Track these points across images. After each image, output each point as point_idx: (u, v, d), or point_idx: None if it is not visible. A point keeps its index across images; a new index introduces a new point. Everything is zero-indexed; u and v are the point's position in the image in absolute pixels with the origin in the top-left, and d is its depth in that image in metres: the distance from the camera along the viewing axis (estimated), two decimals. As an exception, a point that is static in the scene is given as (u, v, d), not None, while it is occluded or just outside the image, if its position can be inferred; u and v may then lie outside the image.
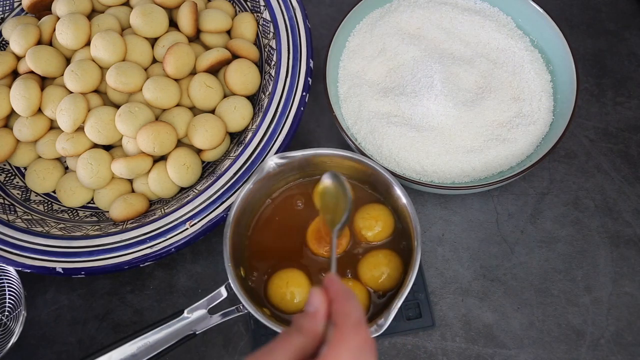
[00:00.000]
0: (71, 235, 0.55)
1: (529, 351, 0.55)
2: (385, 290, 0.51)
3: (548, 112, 0.61)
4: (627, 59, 0.70)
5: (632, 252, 0.59)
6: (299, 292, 0.51)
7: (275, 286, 0.51)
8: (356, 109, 0.61)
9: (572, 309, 0.57)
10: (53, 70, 0.60)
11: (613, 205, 0.62)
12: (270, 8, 0.63)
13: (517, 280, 0.59)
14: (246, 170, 0.55)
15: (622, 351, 0.55)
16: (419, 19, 0.66)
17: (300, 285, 0.51)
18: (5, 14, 0.67)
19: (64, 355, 0.58)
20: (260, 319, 0.47)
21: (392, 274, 0.51)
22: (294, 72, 0.58)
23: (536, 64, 0.63)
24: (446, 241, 0.61)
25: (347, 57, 0.65)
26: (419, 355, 0.56)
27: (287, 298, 0.51)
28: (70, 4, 0.62)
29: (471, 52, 0.64)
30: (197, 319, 0.48)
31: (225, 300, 0.49)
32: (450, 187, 0.56)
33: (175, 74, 0.60)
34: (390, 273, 0.51)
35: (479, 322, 0.57)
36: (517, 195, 0.63)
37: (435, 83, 0.60)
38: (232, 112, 0.60)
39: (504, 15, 0.66)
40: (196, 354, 0.57)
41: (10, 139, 0.60)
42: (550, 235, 0.61)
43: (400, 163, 0.58)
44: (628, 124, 0.66)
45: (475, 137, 0.59)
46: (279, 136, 0.56)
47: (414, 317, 0.56)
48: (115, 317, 0.59)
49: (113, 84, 0.58)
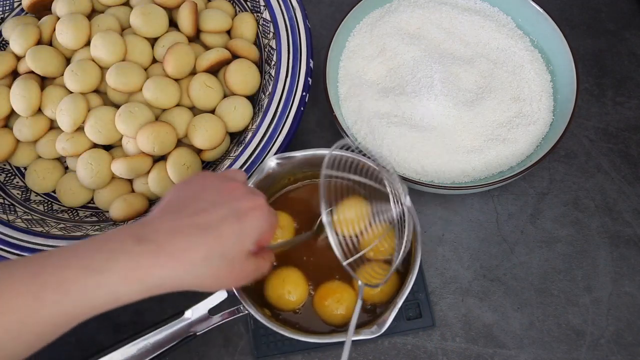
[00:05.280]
0: (71, 235, 0.55)
1: (529, 351, 0.55)
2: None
3: (548, 112, 0.61)
4: (627, 59, 0.70)
5: (632, 252, 0.59)
6: (296, 290, 0.51)
7: (273, 285, 0.52)
8: (356, 109, 0.61)
9: (572, 309, 0.57)
10: (53, 70, 0.60)
11: (613, 205, 0.62)
12: (270, 8, 0.63)
13: (517, 280, 0.59)
14: (246, 170, 0.55)
15: (622, 351, 0.55)
16: (419, 19, 0.66)
17: (297, 284, 0.52)
18: (5, 14, 0.67)
19: (63, 355, 0.58)
20: (260, 319, 0.47)
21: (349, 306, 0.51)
22: (294, 72, 0.58)
23: (536, 64, 0.63)
24: (446, 241, 0.61)
25: (347, 57, 0.65)
26: (419, 355, 0.56)
27: (285, 297, 0.51)
28: (70, 4, 0.62)
29: (471, 52, 0.64)
30: (198, 319, 0.48)
31: (226, 301, 0.49)
32: (450, 187, 0.56)
33: (175, 74, 0.60)
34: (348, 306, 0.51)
35: (479, 322, 0.57)
36: (517, 195, 0.63)
37: (435, 83, 0.60)
38: (232, 112, 0.60)
39: (504, 15, 0.66)
40: (196, 353, 0.57)
41: (10, 139, 0.60)
42: (550, 235, 0.61)
43: (400, 163, 0.58)
44: (628, 124, 0.66)
45: (475, 137, 0.59)
46: (279, 136, 0.56)
47: (414, 317, 0.56)
48: (115, 317, 0.59)
49: (113, 84, 0.58)
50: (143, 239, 0.35)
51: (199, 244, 0.36)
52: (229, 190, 0.40)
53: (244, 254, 0.39)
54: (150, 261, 0.35)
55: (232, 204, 0.39)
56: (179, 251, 0.36)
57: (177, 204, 0.39)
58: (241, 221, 0.38)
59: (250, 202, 0.40)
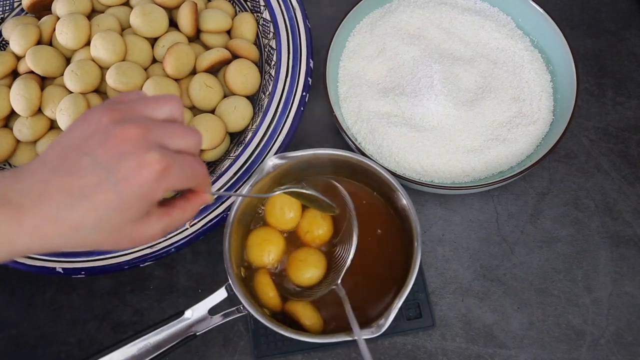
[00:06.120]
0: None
1: (529, 351, 0.55)
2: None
3: (548, 112, 0.61)
4: (627, 59, 0.70)
5: (632, 252, 0.59)
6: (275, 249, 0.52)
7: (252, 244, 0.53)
8: (356, 109, 0.61)
9: (572, 309, 0.57)
10: (53, 70, 0.60)
11: (613, 205, 0.62)
12: (270, 8, 0.63)
13: (517, 280, 0.59)
14: (246, 170, 0.55)
15: (622, 351, 0.55)
16: (419, 19, 0.66)
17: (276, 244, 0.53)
18: (5, 14, 0.67)
19: (63, 355, 0.58)
20: (260, 319, 0.47)
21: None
22: (294, 72, 0.58)
23: (536, 64, 0.63)
24: (446, 241, 0.61)
25: (347, 57, 0.65)
26: (419, 355, 0.56)
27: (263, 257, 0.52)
28: (70, 4, 0.62)
29: (471, 52, 0.64)
30: (198, 319, 0.48)
31: (226, 301, 0.49)
32: (450, 187, 0.56)
33: (175, 74, 0.60)
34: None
35: (479, 322, 0.57)
36: (517, 195, 0.63)
37: (435, 83, 0.60)
38: (232, 112, 0.60)
39: (504, 15, 0.66)
40: (196, 353, 0.57)
41: (10, 139, 0.60)
42: (550, 235, 0.61)
43: (400, 163, 0.58)
44: (628, 124, 0.66)
45: (475, 137, 0.59)
46: (279, 136, 0.56)
47: (414, 317, 0.56)
48: (115, 317, 0.59)
49: (113, 84, 0.58)
50: (8, 201, 0.31)
51: (68, 214, 0.32)
52: (116, 142, 0.32)
53: (130, 221, 0.33)
54: (13, 228, 0.31)
55: (111, 164, 0.32)
56: (46, 220, 0.31)
57: (59, 154, 0.33)
58: (119, 188, 0.32)
59: (136, 159, 0.32)
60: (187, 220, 0.38)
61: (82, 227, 0.32)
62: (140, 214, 0.34)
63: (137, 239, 0.35)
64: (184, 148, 0.35)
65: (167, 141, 0.34)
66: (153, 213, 0.35)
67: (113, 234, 0.33)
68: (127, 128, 0.33)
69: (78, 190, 0.32)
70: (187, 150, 0.35)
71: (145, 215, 0.34)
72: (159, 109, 0.35)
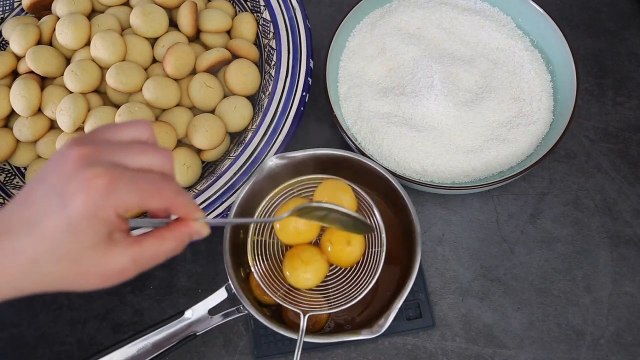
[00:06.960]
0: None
1: (529, 351, 0.55)
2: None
3: (548, 112, 0.61)
4: (627, 59, 0.70)
5: (632, 252, 0.59)
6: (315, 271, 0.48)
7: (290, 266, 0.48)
8: (356, 109, 0.61)
9: (572, 309, 0.57)
10: (53, 70, 0.60)
11: (613, 205, 0.62)
12: (270, 8, 0.63)
13: (517, 280, 0.59)
14: (246, 170, 0.55)
15: (622, 351, 0.55)
16: (419, 19, 0.66)
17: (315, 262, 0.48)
18: (5, 14, 0.67)
19: (63, 355, 0.58)
20: (260, 320, 0.47)
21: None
22: (294, 72, 0.58)
23: (536, 64, 0.63)
24: (446, 241, 0.61)
25: (347, 57, 0.65)
26: (419, 355, 0.56)
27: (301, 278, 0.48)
28: (70, 4, 0.62)
29: (471, 52, 0.64)
30: (198, 319, 0.48)
31: (226, 301, 0.49)
32: (450, 187, 0.56)
33: (175, 74, 0.60)
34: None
35: (479, 322, 0.57)
36: (517, 195, 0.63)
37: (435, 83, 0.60)
38: (232, 112, 0.60)
39: (504, 15, 0.66)
40: (196, 353, 0.57)
41: (10, 139, 0.60)
42: (550, 235, 0.61)
43: (400, 163, 0.58)
44: (628, 124, 0.66)
45: (475, 137, 0.59)
46: (279, 136, 0.56)
47: (414, 317, 0.56)
48: (115, 317, 0.59)
49: (113, 84, 0.58)
50: None
51: (24, 246, 0.30)
52: (66, 164, 0.30)
53: (87, 248, 0.30)
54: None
55: (62, 187, 0.30)
56: (7, 256, 0.30)
57: (26, 189, 0.32)
58: (66, 210, 0.29)
59: (80, 176, 0.29)
60: (168, 251, 0.34)
61: (39, 258, 0.30)
62: (95, 239, 0.30)
63: (104, 272, 0.32)
64: (147, 166, 0.32)
65: (124, 159, 0.32)
66: (118, 241, 0.32)
67: (73, 266, 0.31)
68: (78, 149, 0.31)
69: (33, 219, 0.30)
70: (152, 168, 0.33)
71: (106, 242, 0.31)
72: (121, 132, 0.33)
